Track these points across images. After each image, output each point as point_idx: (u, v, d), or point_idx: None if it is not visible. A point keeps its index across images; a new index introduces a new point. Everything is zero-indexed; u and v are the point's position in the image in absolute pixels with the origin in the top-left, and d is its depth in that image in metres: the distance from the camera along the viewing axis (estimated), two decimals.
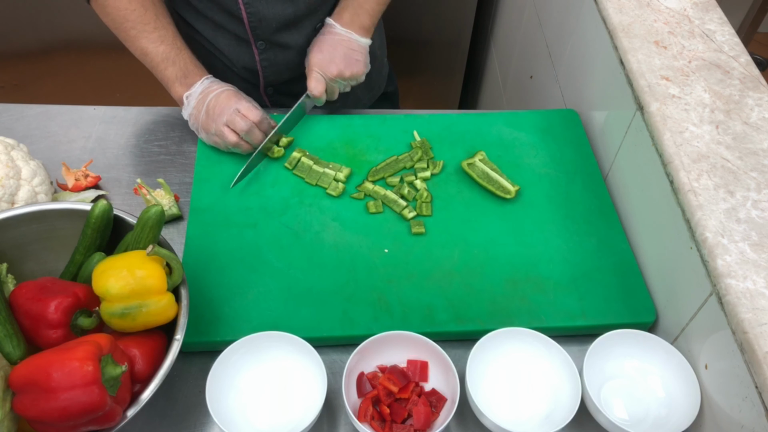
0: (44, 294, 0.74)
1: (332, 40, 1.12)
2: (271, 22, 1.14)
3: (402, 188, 1.05)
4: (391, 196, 1.04)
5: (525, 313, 0.92)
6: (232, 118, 1.03)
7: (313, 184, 1.06)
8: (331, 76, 1.11)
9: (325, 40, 1.12)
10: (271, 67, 1.22)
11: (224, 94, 1.06)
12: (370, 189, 1.05)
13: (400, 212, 1.02)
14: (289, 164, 1.08)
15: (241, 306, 0.90)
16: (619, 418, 0.83)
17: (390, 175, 1.08)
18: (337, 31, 1.12)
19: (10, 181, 0.93)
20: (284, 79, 1.26)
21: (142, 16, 1.05)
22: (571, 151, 1.14)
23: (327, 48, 1.11)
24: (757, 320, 0.71)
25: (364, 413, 0.80)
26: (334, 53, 1.11)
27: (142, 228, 0.79)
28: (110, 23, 1.08)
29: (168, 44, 1.07)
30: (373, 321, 0.90)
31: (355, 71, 1.12)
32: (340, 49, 1.11)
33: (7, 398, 0.68)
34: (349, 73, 1.11)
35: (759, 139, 0.90)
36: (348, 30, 1.12)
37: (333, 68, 1.10)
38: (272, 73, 1.24)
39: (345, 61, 1.11)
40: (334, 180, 1.06)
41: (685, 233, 0.84)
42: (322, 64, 1.10)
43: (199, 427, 0.83)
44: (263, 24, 1.14)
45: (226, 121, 1.04)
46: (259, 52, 1.19)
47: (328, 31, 1.13)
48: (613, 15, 1.08)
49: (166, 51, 1.06)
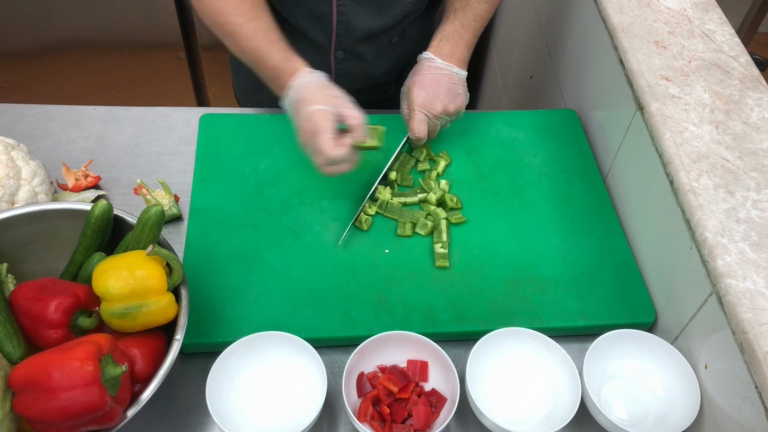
0: (44, 294, 0.74)
1: (434, 76, 1.07)
2: (358, 32, 1.12)
3: (425, 221, 1.02)
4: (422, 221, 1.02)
5: (525, 313, 0.92)
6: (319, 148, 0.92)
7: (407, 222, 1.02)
8: (437, 114, 1.06)
9: (427, 77, 1.06)
10: (345, 76, 1.19)
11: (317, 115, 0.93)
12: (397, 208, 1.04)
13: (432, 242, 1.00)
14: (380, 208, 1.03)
15: (242, 307, 0.90)
16: (619, 418, 0.83)
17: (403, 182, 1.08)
18: (438, 65, 1.07)
19: (10, 181, 0.93)
20: (354, 89, 1.22)
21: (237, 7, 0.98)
22: (571, 150, 1.14)
23: (430, 85, 1.06)
24: (757, 320, 0.71)
25: (364, 413, 0.80)
26: (438, 89, 1.05)
27: (142, 228, 0.79)
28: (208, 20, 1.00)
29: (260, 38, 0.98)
30: (374, 321, 0.90)
31: (459, 105, 1.07)
32: (443, 84, 1.06)
33: (7, 398, 0.68)
34: (454, 107, 1.06)
35: (759, 139, 0.90)
36: (449, 64, 1.07)
37: (438, 105, 1.05)
38: (345, 82, 1.17)
39: (449, 96, 1.06)
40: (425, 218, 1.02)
41: (685, 233, 0.84)
42: (426, 103, 1.05)
43: (199, 427, 0.83)
44: (350, 33, 1.12)
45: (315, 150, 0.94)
46: (336, 61, 1.17)
47: (428, 65, 1.07)
48: (613, 15, 1.08)
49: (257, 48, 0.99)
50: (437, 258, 0.97)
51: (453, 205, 1.04)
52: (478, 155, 1.13)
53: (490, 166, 1.11)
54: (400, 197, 1.05)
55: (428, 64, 1.07)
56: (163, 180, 1.04)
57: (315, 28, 1.13)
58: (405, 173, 1.09)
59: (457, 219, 1.02)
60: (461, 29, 1.09)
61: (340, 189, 1.06)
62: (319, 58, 1.17)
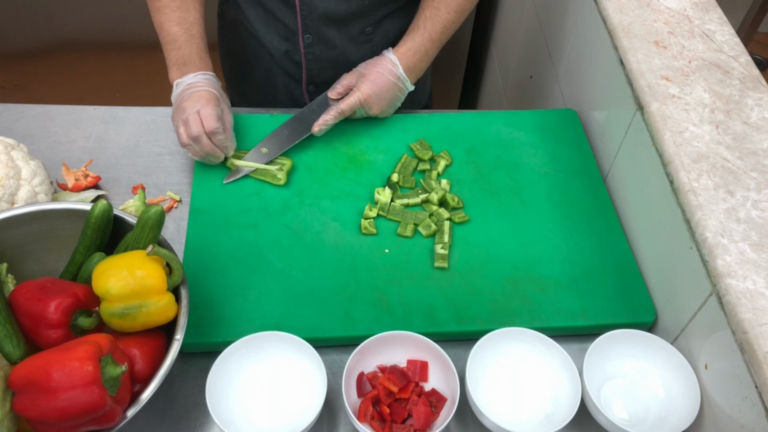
0: (44, 294, 0.74)
1: (389, 82, 1.10)
2: (320, 13, 1.13)
3: (427, 221, 1.02)
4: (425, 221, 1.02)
5: (526, 313, 0.92)
6: (187, 119, 1.01)
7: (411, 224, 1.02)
8: (369, 113, 1.12)
9: (383, 78, 1.10)
10: (315, 62, 1.21)
11: (201, 93, 1.03)
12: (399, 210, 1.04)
13: (432, 244, 1.00)
14: (382, 210, 1.03)
15: (242, 307, 0.90)
16: (619, 418, 0.83)
17: (406, 185, 1.08)
18: (398, 75, 1.10)
19: (10, 181, 0.93)
20: (327, 78, 1.23)
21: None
22: (571, 150, 1.14)
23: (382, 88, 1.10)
24: (757, 320, 0.71)
25: (364, 413, 0.80)
26: (385, 96, 1.11)
27: (142, 228, 0.79)
28: None
29: (183, 28, 1.06)
30: (374, 321, 0.90)
31: (387, 114, 1.15)
32: (392, 92, 1.11)
33: (7, 398, 0.68)
34: (383, 115, 1.14)
35: (759, 139, 0.90)
36: (407, 77, 1.11)
37: (376, 108, 1.11)
38: (315, 68, 1.23)
39: (388, 104, 1.13)
40: (429, 218, 1.02)
41: (685, 233, 0.84)
42: (369, 101, 1.10)
43: (199, 427, 0.83)
44: (312, 15, 1.13)
45: (183, 120, 1.02)
46: (305, 45, 1.18)
47: (390, 69, 1.10)
48: (613, 15, 1.08)
49: (178, 33, 1.06)
50: (437, 258, 0.97)
51: (455, 205, 1.04)
52: (478, 155, 1.13)
53: (490, 165, 1.11)
54: (402, 198, 1.05)
55: (390, 68, 1.10)
56: None
57: (282, 8, 1.15)
58: (407, 175, 1.09)
59: (460, 218, 1.02)
60: (429, 43, 1.12)
61: (340, 189, 1.06)
62: (290, 41, 1.19)
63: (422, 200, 1.05)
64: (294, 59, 1.22)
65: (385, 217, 1.02)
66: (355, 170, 1.09)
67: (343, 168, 1.09)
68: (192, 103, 1.03)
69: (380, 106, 1.11)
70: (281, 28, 1.18)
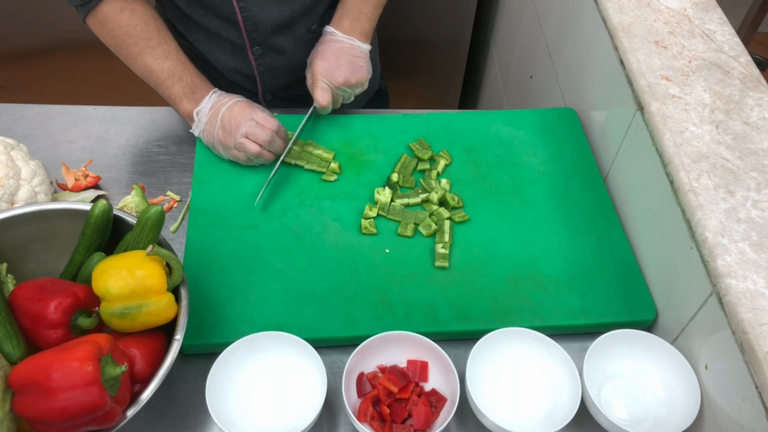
0: (44, 294, 0.74)
1: (335, 48, 1.10)
2: (266, 24, 1.12)
3: (427, 220, 1.02)
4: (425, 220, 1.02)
5: (526, 312, 0.92)
6: (251, 129, 1.02)
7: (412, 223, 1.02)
8: (338, 84, 1.09)
9: (328, 48, 1.10)
10: (269, 72, 1.21)
11: (237, 106, 1.04)
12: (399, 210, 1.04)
13: (433, 243, 1.00)
14: (382, 210, 1.03)
15: (243, 308, 0.90)
16: (619, 418, 0.83)
17: (406, 184, 1.08)
18: (339, 38, 1.11)
19: (10, 181, 0.93)
20: (282, 84, 1.25)
21: (144, 31, 1.02)
22: (570, 149, 1.14)
23: (331, 56, 1.09)
24: (757, 320, 0.71)
25: (364, 413, 0.80)
26: (339, 61, 1.09)
27: (142, 228, 0.79)
28: (111, 41, 1.04)
29: (172, 59, 1.04)
30: (375, 321, 0.90)
31: (360, 77, 1.11)
32: (344, 56, 1.10)
33: (7, 398, 0.68)
34: (355, 79, 1.10)
35: (759, 139, 0.90)
36: (350, 37, 1.11)
37: (339, 76, 1.08)
38: (270, 78, 1.23)
39: (350, 68, 1.09)
40: (430, 218, 1.02)
41: (685, 233, 0.84)
42: (327, 73, 1.08)
43: (199, 427, 0.83)
44: (259, 27, 1.13)
45: (246, 133, 1.02)
46: (255, 57, 1.18)
47: (330, 39, 1.11)
48: (613, 15, 1.08)
49: (171, 67, 1.04)
50: (437, 258, 0.97)
51: (455, 204, 1.04)
52: (478, 154, 1.13)
53: (489, 165, 1.11)
54: (402, 198, 1.05)
55: (330, 38, 1.11)
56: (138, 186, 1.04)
57: (226, 27, 1.13)
58: (407, 174, 1.09)
59: (460, 217, 1.02)
60: (360, 3, 1.12)
61: (340, 189, 1.06)
62: (239, 56, 1.18)
63: (422, 200, 1.05)
64: (244, 73, 1.21)
65: (386, 217, 1.02)
66: (355, 170, 1.09)
67: (343, 168, 1.09)
68: (239, 116, 1.03)
69: (344, 73, 1.09)
70: (227, 46, 1.17)
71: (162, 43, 1.04)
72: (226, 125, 1.03)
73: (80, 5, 1.01)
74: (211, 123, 1.05)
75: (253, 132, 1.02)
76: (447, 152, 1.12)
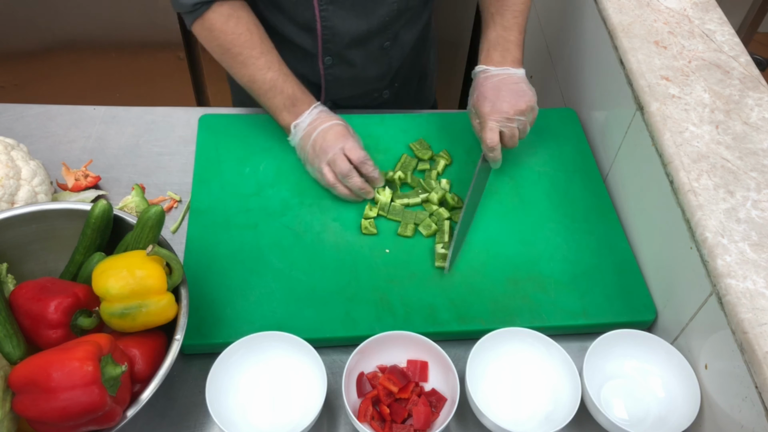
0: (44, 294, 0.74)
1: (492, 83, 1.05)
2: (344, 36, 1.11)
3: (428, 220, 1.02)
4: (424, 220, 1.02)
5: (526, 312, 0.92)
6: (334, 158, 1.00)
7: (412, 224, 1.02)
8: (508, 115, 1.02)
9: (486, 86, 1.05)
10: (335, 82, 1.20)
11: (333, 129, 1.02)
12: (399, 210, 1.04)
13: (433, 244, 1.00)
14: (382, 210, 1.03)
15: (243, 308, 0.90)
16: (619, 418, 0.83)
17: (408, 182, 1.08)
18: (494, 73, 1.06)
19: (10, 181, 0.93)
20: (345, 95, 1.23)
21: (248, 40, 1.01)
22: (570, 149, 1.14)
23: (491, 92, 1.04)
24: (757, 320, 0.71)
25: (364, 413, 0.80)
26: (500, 93, 1.03)
27: (142, 228, 0.79)
28: (216, 48, 1.03)
29: (275, 71, 1.03)
30: (375, 321, 0.90)
31: (527, 100, 1.04)
32: (504, 88, 1.04)
33: (7, 398, 0.68)
34: (524, 104, 1.03)
35: (759, 139, 0.90)
36: (503, 68, 1.06)
37: (506, 107, 1.02)
38: (335, 88, 1.21)
39: (513, 96, 1.03)
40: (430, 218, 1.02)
41: (685, 233, 0.84)
42: (493, 110, 1.02)
43: (199, 427, 0.83)
44: (336, 38, 1.11)
45: (329, 160, 1.01)
46: (324, 67, 1.17)
47: (484, 77, 1.06)
48: (613, 15, 1.08)
49: (274, 78, 1.03)
50: (437, 258, 0.97)
51: (455, 204, 1.04)
52: (478, 154, 1.12)
53: None
54: (402, 198, 1.05)
55: (483, 76, 1.06)
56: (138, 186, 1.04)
57: (301, 34, 1.12)
58: (408, 173, 1.09)
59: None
60: (504, 32, 1.08)
61: None
62: (307, 64, 1.16)
63: (422, 200, 1.05)
64: (310, 80, 1.19)
65: (386, 217, 1.02)
66: None
67: None
68: (331, 142, 1.01)
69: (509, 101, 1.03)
70: (297, 51, 1.15)
71: (265, 53, 1.03)
72: (317, 147, 1.02)
73: (188, 12, 1.00)
74: (304, 140, 1.04)
75: (334, 161, 1.00)
76: (447, 152, 1.12)
